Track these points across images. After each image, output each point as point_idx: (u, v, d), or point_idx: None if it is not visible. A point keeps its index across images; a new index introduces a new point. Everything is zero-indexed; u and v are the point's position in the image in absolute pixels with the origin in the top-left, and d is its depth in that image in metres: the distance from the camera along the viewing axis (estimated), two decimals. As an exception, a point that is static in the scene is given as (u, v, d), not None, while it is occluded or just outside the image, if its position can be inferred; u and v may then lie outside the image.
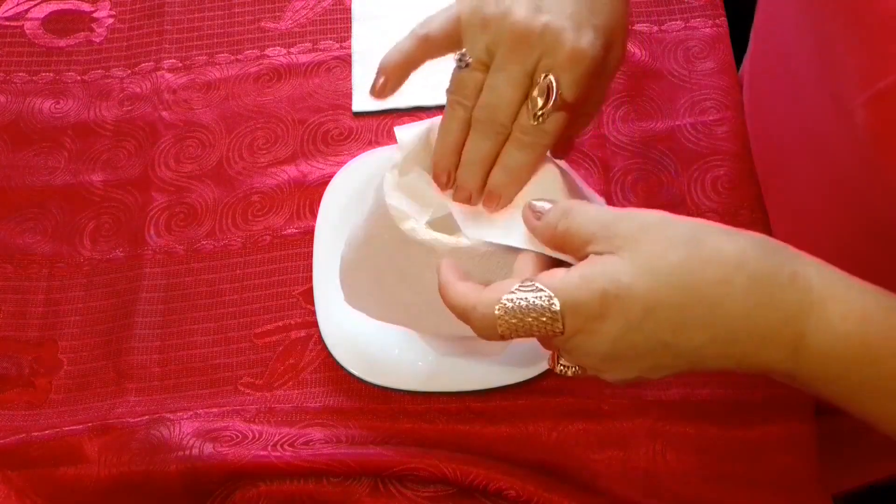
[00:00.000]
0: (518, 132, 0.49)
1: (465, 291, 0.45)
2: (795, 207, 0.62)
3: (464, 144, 0.50)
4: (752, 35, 0.71)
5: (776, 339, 0.41)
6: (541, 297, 0.42)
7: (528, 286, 0.43)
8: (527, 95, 0.48)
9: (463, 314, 0.45)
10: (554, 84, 0.47)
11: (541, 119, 0.48)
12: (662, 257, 0.41)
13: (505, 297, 0.43)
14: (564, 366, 0.46)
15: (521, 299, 0.43)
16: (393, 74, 0.51)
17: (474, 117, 0.49)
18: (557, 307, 0.42)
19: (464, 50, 0.49)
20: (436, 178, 0.52)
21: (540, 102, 0.47)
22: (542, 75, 0.47)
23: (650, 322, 0.41)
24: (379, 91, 0.51)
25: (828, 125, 0.51)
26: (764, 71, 0.66)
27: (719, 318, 0.41)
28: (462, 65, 0.49)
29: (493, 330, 0.44)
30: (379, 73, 0.51)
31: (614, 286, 0.41)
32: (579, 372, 0.46)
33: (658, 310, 0.41)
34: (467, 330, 0.53)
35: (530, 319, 0.42)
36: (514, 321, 0.43)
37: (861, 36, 0.42)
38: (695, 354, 0.42)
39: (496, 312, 0.43)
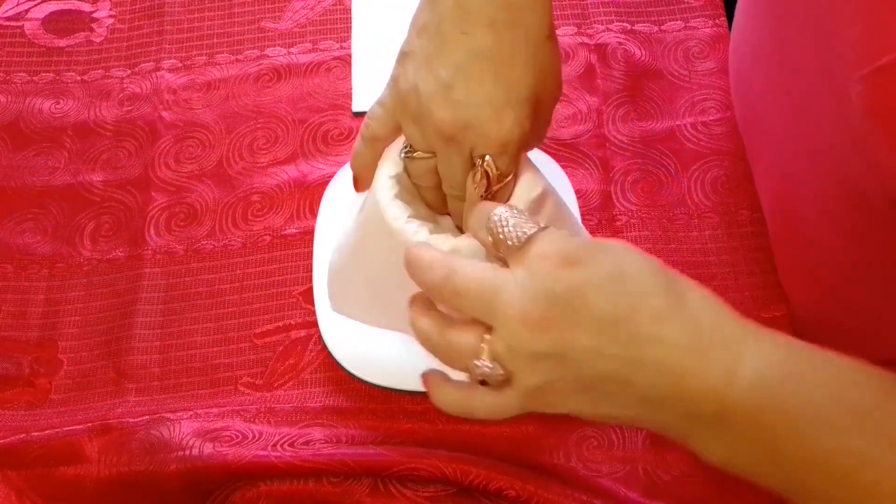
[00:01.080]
0: (469, 203, 0.52)
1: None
2: (783, 189, 0.62)
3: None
4: (735, 13, 0.70)
5: (717, 356, 0.41)
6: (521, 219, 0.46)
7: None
8: (468, 172, 0.51)
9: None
10: (492, 164, 0.50)
11: (490, 194, 0.51)
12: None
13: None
14: (493, 367, 0.45)
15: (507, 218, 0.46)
16: (364, 175, 0.56)
17: (444, 188, 0.54)
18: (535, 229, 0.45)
19: (407, 146, 0.53)
20: None
21: (484, 184, 0.51)
22: (479, 160, 0.50)
23: (612, 287, 0.43)
24: (359, 188, 0.58)
25: (818, 104, 0.51)
26: (749, 51, 0.65)
27: (665, 322, 0.42)
28: (408, 158, 0.53)
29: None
30: (353, 176, 0.58)
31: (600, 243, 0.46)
32: (501, 378, 0.45)
33: (619, 273, 0.43)
34: None
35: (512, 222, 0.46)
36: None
37: (861, 10, 0.42)
38: (638, 351, 0.42)
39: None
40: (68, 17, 0.81)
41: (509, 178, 0.51)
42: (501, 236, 0.46)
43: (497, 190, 0.51)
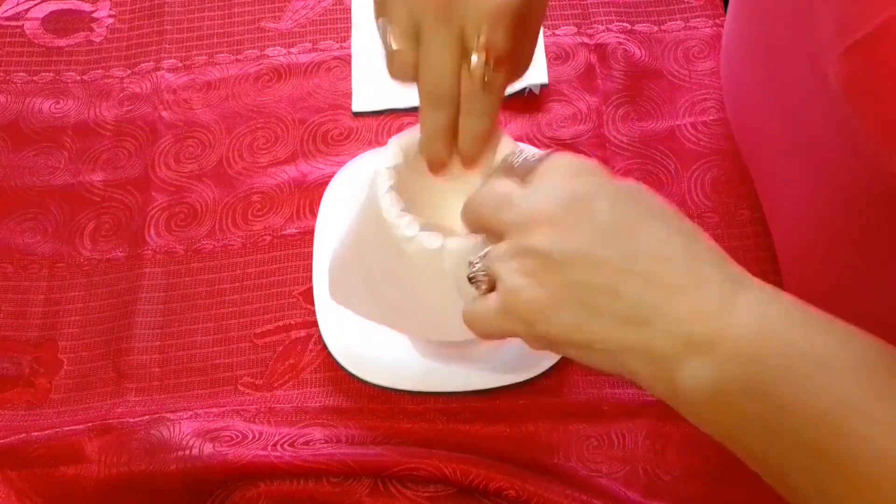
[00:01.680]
0: (468, 101, 0.48)
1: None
2: (779, 188, 0.62)
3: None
4: (727, 16, 0.70)
5: (714, 286, 0.39)
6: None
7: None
8: (459, 61, 0.47)
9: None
10: (486, 42, 0.46)
11: (486, 78, 0.47)
12: None
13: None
14: (480, 268, 0.45)
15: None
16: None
17: (421, 92, 0.49)
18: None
19: (386, 19, 0.48)
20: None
21: (480, 64, 0.47)
22: (475, 37, 0.46)
23: (621, 202, 0.42)
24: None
25: (804, 95, 0.50)
26: (742, 41, 0.65)
27: (672, 237, 0.41)
28: (387, 37, 0.48)
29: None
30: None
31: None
32: (485, 284, 0.44)
33: (611, 188, 0.42)
34: (448, 335, 0.53)
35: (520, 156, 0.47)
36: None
37: None
38: (632, 263, 0.40)
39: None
40: (68, 17, 0.81)
41: (503, 69, 0.48)
42: (517, 164, 0.45)
43: (490, 79, 0.47)
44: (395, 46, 0.48)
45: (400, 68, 0.49)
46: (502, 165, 0.47)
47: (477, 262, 0.44)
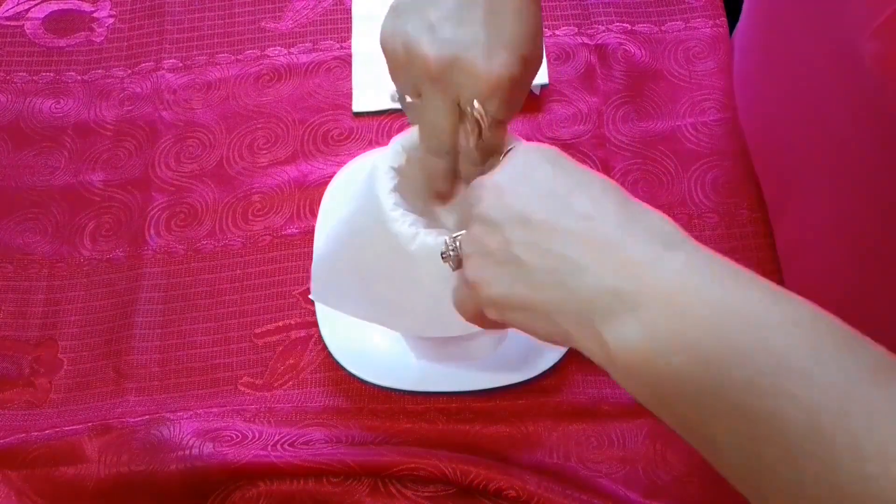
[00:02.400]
0: (464, 153, 0.51)
1: None
2: (787, 182, 0.62)
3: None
4: (740, 18, 0.70)
5: (643, 243, 0.39)
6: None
7: None
8: (461, 117, 0.50)
9: None
10: (482, 111, 0.48)
11: (482, 143, 0.50)
12: None
13: None
14: (450, 245, 0.46)
15: None
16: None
17: (421, 141, 0.52)
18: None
19: (394, 90, 0.52)
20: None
21: (475, 133, 0.49)
22: (469, 107, 0.48)
23: (557, 167, 0.43)
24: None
25: (828, 84, 0.50)
26: (758, 39, 0.65)
27: (610, 203, 0.41)
28: (397, 101, 0.52)
29: None
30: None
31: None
32: (453, 261, 0.46)
33: (562, 161, 0.43)
34: (447, 330, 0.53)
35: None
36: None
37: None
38: (566, 220, 0.41)
39: None
40: (68, 17, 0.81)
41: (499, 127, 0.50)
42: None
43: (489, 141, 0.50)
44: (407, 100, 0.52)
45: (413, 118, 0.52)
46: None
47: (448, 240, 0.46)
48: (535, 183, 0.43)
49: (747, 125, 0.69)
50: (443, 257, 0.47)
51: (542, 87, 0.74)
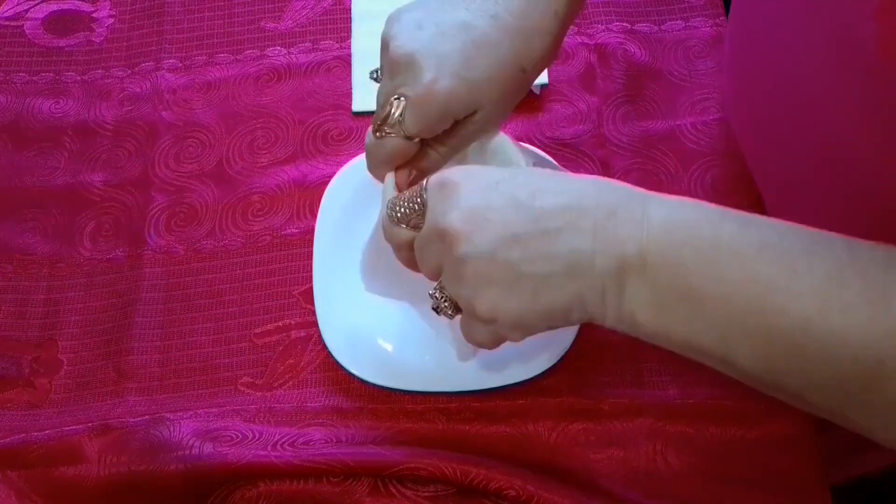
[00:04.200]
0: (367, 136, 0.54)
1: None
2: (784, 179, 0.62)
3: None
4: (730, 17, 0.70)
5: (624, 211, 0.44)
6: (413, 191, 0.49)
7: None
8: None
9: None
10: (400, 107, 0.51)
11: (380, 134, 0.52)
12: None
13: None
14: (441, 297, 0.48)
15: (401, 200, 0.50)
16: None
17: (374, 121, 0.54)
18: (424, 187, 0.48)
19: (377, 67, 0.55)
20: None
21: (381, 116, 0.52)
22: (394, 97, 0.51)
23: (506, 184, 0.45)
24: None
25: (824, 79, 0.50)
26: (747, 36, 0.64)
27: (572, 187, 0.45)
28: (372, 76, 0.56)
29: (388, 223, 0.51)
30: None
31: (473, 169, 0.48)
32: (450, 308, 0.49)
33: (515, 177, 0.46)
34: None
35: (403, 205, 0.49)
36: (392, 211, 0.50)
37: None
38: (547, 222, 0.44)
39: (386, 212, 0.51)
40: (68, 17, 0.81)
41: (400, 140, 0.52)
42: (398, 215, 0.50)
43: (384, 136, 0.52)
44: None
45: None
46: (389, 214, 0.51)
47: (435, 294, 0.49)
48: (495, 204, 0.45)
49: (738, 124, 0.69)
50: (437, 311, 0.49)
51: (542, 87, 0.74)
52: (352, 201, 0.67)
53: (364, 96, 0.74)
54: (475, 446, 0.60)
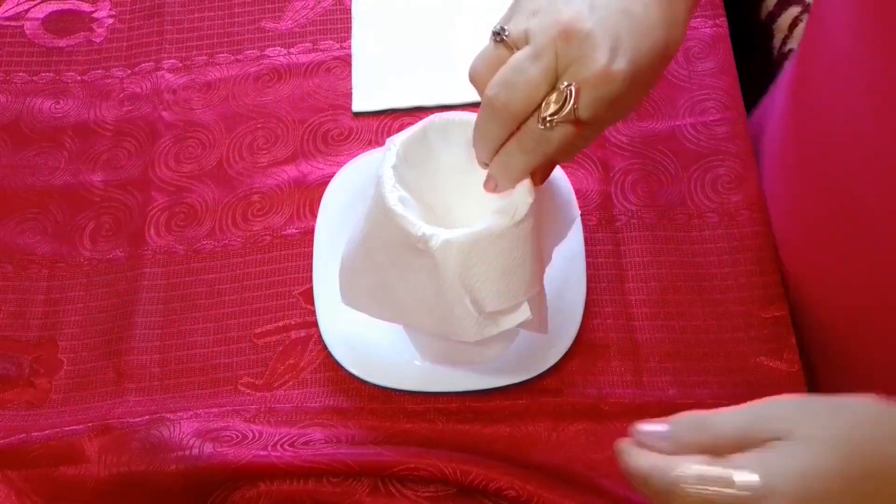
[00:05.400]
0: (524, 133, 0.49)
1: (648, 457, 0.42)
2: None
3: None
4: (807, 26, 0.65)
5: None
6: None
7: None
8: (544, 95, 0.47)
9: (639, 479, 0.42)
10: (573, 95, 0.47)
11: (549, 125, 0.47)
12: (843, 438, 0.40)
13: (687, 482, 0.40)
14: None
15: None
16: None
17: (488, 95, 0.48)
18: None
19: (505, 26, 0.49)
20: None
21: (553, 108, 0.47)
22: (566, 83, 0.47)
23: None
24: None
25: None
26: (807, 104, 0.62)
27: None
28: (497, 38, 0.49)
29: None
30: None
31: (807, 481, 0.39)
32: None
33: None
34: (452, 331, 0.53)
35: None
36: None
37: None
38: None
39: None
40: (68, 17, 0.81)
41: (571, 127, 0.47)
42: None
43: (554, 127, 0.47)
44: (492, 47, 0.49)
45: (484, 63, 0.49)
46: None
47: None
48: None
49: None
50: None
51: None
52: (352, 201, 0.67)
53: (364, 96, 0.74)
54: (475, 446, 0.60)
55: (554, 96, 0.47)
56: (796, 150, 0.64)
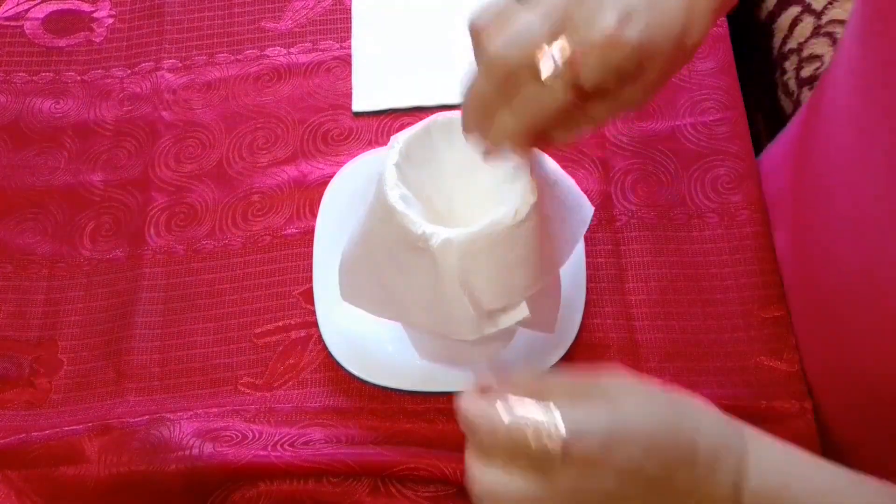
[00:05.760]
0: (522, 95, 0.45)
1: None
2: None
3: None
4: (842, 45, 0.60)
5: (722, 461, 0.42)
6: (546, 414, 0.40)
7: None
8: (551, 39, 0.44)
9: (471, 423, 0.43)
10: (576, 54, 0.43)
11: (549, 81, 0.44)
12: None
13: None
14: None
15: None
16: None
17: (488, 50, 0.45)
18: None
19: None
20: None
21: (551, 65, 0.43)
22: (570, 46, 0.43)
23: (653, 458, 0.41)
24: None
25: None
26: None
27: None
28: None
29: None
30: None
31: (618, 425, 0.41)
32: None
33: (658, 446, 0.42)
34: (450, 329, 0.53)
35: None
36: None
37: None
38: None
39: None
40: (68, 17, 0.81)
41: (569, 90, 0.44)
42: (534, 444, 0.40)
43: (553, 84, 0.44)
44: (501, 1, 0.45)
45: (490, 14, 0.45)
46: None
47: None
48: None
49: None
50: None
51: (542, 86, 0.74)
52: (352, 201, 0.67)
53: (364, 96, 0.74)
54: (475, 446, 0.60)
55: (556, 50, 0.43)
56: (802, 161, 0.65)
